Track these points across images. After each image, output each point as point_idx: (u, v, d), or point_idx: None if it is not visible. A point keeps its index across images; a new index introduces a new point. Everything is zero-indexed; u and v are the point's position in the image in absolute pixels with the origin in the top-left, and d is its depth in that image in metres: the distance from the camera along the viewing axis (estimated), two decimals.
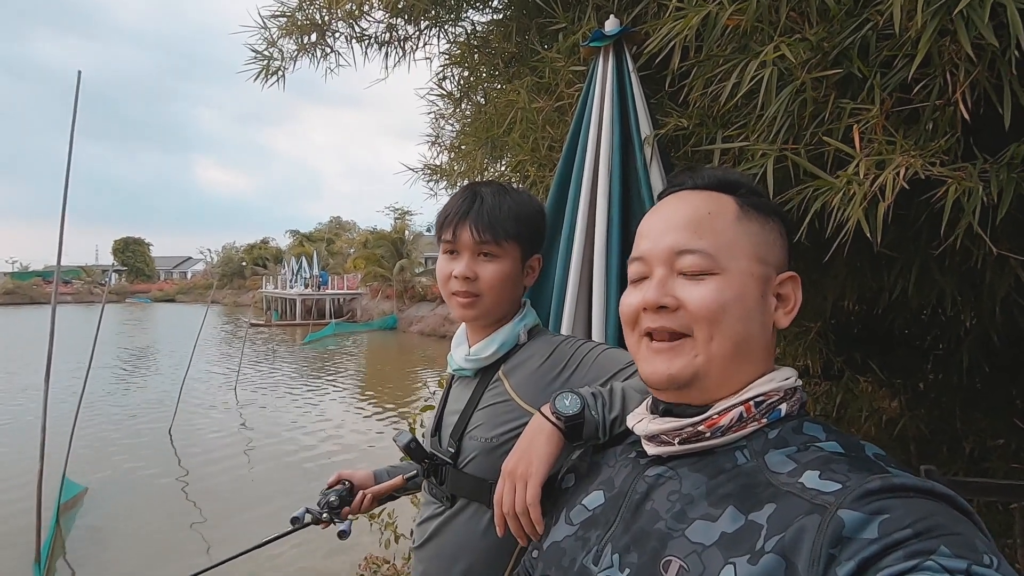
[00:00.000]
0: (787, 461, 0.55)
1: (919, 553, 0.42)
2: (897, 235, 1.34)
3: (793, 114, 1.11)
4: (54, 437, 4.85)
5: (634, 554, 0.58)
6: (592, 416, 0.78)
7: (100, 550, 5.10)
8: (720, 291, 0.61)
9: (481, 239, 0.99)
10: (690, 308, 0.61)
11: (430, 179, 2.77)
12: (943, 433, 2.23)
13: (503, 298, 1.02)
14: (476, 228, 0.99)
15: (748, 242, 0.63)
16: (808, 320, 2.00)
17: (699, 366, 0.61)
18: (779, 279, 0.65)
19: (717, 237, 0.63)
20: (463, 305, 1.02)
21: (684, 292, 0.62)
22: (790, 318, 0.65)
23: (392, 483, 1.20)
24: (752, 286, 0.62)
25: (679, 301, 0.62)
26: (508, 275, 1.01)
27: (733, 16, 1.13)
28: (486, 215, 0.99)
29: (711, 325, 0.61)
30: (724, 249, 0.62)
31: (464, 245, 1.01)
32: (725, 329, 0.61)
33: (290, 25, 2.20)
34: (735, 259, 0.62)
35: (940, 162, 0.99)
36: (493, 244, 0.99)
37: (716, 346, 0.61)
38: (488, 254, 1.01)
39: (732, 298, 0.61)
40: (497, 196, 1.02)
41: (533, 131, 1.66)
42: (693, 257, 0.62)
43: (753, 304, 0.62)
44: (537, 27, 1.82)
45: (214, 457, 7.59)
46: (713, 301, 0.61)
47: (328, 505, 1.15)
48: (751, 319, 0.62)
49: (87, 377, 5.91)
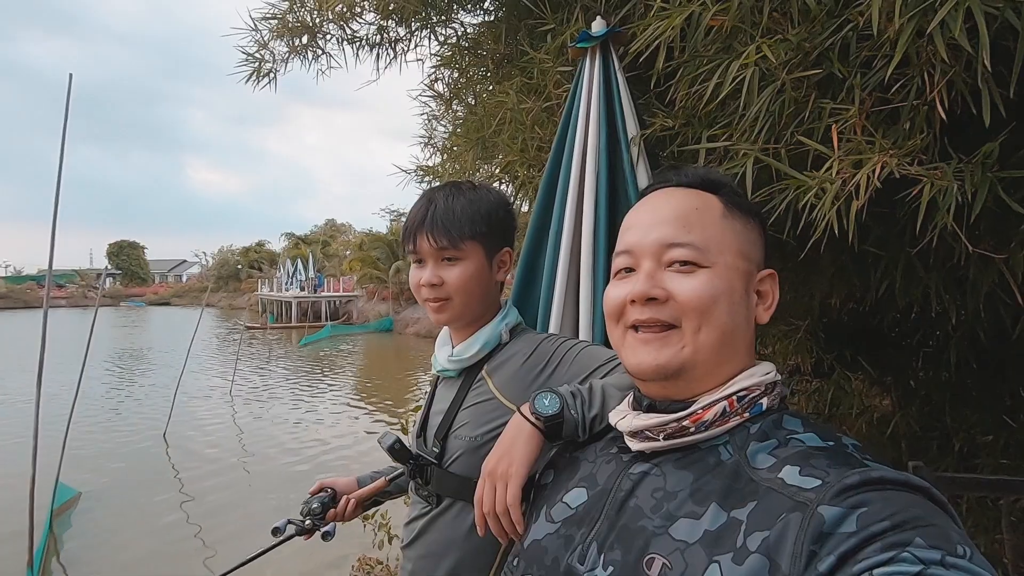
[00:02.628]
0: (767, 456, 0.56)
1: (896, 545, 0.43)
2: (882, 233, 1.36)
3: (775, 114, 1.12)
4: (47, 441, 4.82)
5: (617, 552, 0.59)
6: (571, 415, 0.78)
7: (94, 555, 5.07)
8: (710, 283, 0.62)
9: (439, 245, 1.00)
10: (680, 300, 0.62)
11: (423, 180, 2.78)
12: (933, 430, 2.25)
13: (474, 298, 1.03)
14: (431, 235, 1.00)
15: (734, 239, 0.65)
16: (797, 318, 2.01)
17: (686, 357, 0.62)
18: (759, 276, 0.67)
19: (705, 231, 0.64)
20: (436, 310, 1.04)
21: (673, 284, 0.63)
22: (769, 313, 0.67)
23: (375, 486, 1.20)
24: (738, 281, 0.64)
25: (668, 293, 0.63)
26: (473, 275, 1.02)
27: (716, 16, 1.14)
28: (439, 220, 1.00)
29: (700, 316, 0.62)
30: (713, 243, 0.64)
31: (426, 253, 1.02)
32: (713, 321, 0.62)
33: (281, 27, 2.21)
34: (722, 254, 0.64)
35: (917, 161, 1.01)
36: (451, 248, 1.00)
37: (703, 337, 0.62)
38: (450, 258, 1.02)
39: (721, 291, 0.62)
40: (449, 199, 1.02)
41: (522, 131, 1.67)
42: (683, 250, 0.63)
43: (739, 298, 0.64)
44: (526, 28, 1.83)
45: (209, 461, 7.56)
46: (704, 293, 0.62)
47: (311, 512, 1.15)
48: (737, 313, 0.64)
49: (80, 381, 5.87)
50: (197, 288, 48.58)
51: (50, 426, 5.35)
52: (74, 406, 5.71)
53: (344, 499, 1.18)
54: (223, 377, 12.86)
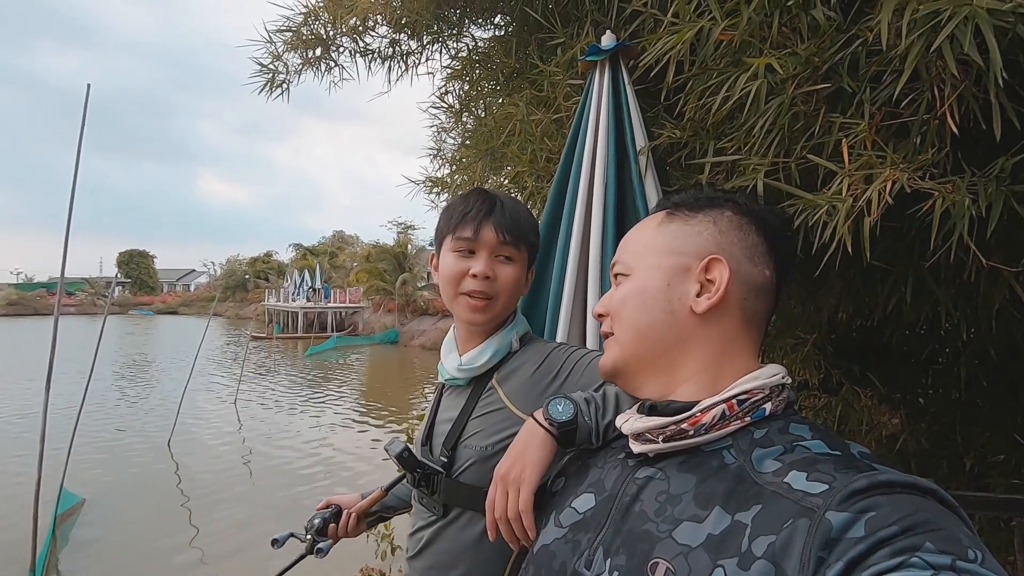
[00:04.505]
0: (773, 462, 0.55)
1: (905, 550, 0.42)
2: (890, 247, 1.35)
3: (784, 128, 1.12)
4: (53, 447, 4.83)
5: (622, 556, 0.58)
6: (585, 422, 0.78)
7: (95, 561, 5.06)
8: (624, 290, 0.70)
9: (504, 240, 0.99)
10: (610, 310, 0.72)
11: (431, 191, 2.80)
12: (944, 448, 2.21)
13: (511, 303, 1.03)
14: (501, 228, 0.98)
15: (661, 241, 0.69)
16: (803, 331, 2.00)
17: (616, 357, 0.70)
18: (702, 265, 0.65)
19: (635, 247, 0.72)
20: (476, 307, 0.99)
21: (610, 298, 0.72)
22: (711, 302, 0.64)
23: (372, 497, 1.18)
24: (654, 277, 0.68)
25: (607, 307, 0.73)
26: (519, 280, 1.02)
27: (725, 31, 1.15)
28: (509, 217, 0.99)
29: (616, 320, 0.70)
30: (636, 255, 0.71)
31: (484, 244, 0.99)
32: (625, 320, 0.69)
33: (295, 40, 2.25)
34: (642, 259, 0.70)
35: (929, 175, 1.01)
36: (513, 247, 1.00)
37: (622, 337, 0.69)
38: (507, 257, 1.00)
39: (632, 292, 0.69)
40: (514, 203, 1.03)
41: (531, 143, 1.68)
42: (616, 267, 0.73)
43: (653, 292, 0.67)
44: (537, 42, 1.86)
45: (213, 470, 7.56)
46: (617, 299, 0.70)
47: (313, 528, 1.15)
48: (650, 307, 0.67)
49: (87, 388, 5.91)
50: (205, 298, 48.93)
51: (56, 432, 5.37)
52: (80, 413, 5.73)
53: (346, 514, 1.17)
54: (228, 386, 12.88)
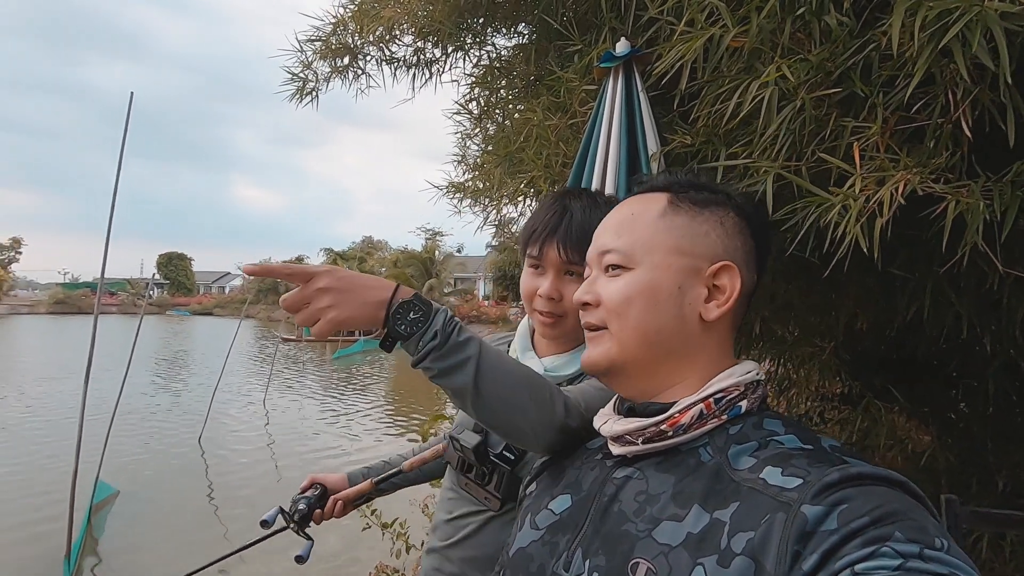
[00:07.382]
0: (748, 458, 0.56)
1: (875, 540, 0.43)
2: (908, 256, 1.33)
3: (795, 132, 1.12)
4: (90, 440, 5.03)
5: (602, 556, 0.58)
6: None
7: (128, 551, 5.23)
8: (628, 285, 0.65)
9: (568, 259, 0.94)
10: (604, 303, 0.66)
11: (453, 196, 2.84)
12: (974, 465, 2.14)
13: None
14: (563, 247, 0.95)
15: (668, 236, 0.65)
16: (820, 339, 1.97)
17: (614, 356, 0.66)
18: (712, 270, 0.64)
19: (634, 235, 0.66)
20: (548, 325, 0.98)
21: (603, 288, 0.67)
22: (721, 310, 0.64)
23: (360, 488, 1.19)
24: (665, 278, 0.64)
25: (598, 297, 0.67)
26: None
27: (736, 38, 1.16)
28: (574, 233, 0.94)
29: (618, 317, 0.65)
30: (639, 246, 0.65)
31: (550, 263, 0.96)
32: (631, 320, 0.64)
33: (324, 49, 2.33)
34: (649, 254, 0.65)
35: (943, 179, 0.99)
36: (580, 264, 0.92)
37: (624, 337, 0.65)
38: (574, 273, 0.95)
39: (638, 291, 0.64)
40: (587, 211, 0.96)
41: (547, 147, 1.70)
42: (611, 255, 0.67)
43: (665, 295, 0.63)
44: (556, 49, 1.88)
45: (242, 466, 7.74)
46: (620, 295, 0.65)
47: (297, 513, 1.14)
48: (661, 310, 0.63)
49: (123, 384, 6.13)
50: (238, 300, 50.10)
51: (93, 426, 5.58)
52: (116, 408, 5.95)
53: (332, 500, 1.18)
54: (258, 386, 13.18)
